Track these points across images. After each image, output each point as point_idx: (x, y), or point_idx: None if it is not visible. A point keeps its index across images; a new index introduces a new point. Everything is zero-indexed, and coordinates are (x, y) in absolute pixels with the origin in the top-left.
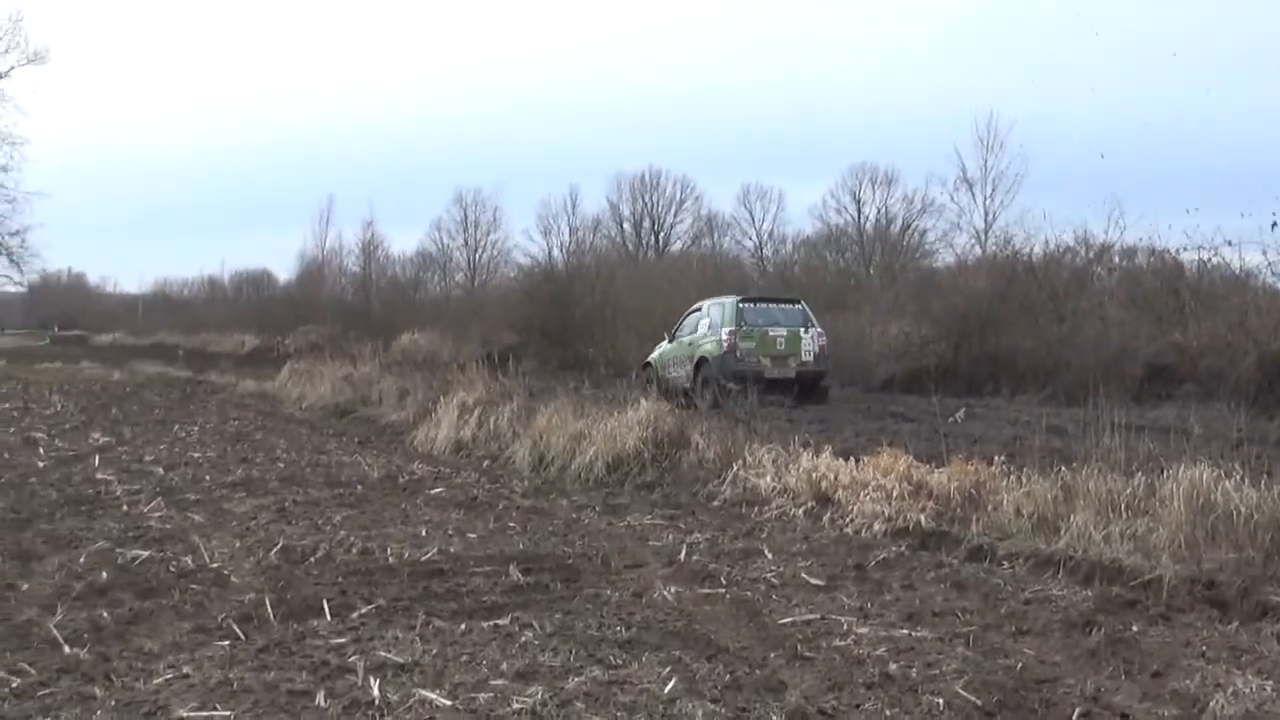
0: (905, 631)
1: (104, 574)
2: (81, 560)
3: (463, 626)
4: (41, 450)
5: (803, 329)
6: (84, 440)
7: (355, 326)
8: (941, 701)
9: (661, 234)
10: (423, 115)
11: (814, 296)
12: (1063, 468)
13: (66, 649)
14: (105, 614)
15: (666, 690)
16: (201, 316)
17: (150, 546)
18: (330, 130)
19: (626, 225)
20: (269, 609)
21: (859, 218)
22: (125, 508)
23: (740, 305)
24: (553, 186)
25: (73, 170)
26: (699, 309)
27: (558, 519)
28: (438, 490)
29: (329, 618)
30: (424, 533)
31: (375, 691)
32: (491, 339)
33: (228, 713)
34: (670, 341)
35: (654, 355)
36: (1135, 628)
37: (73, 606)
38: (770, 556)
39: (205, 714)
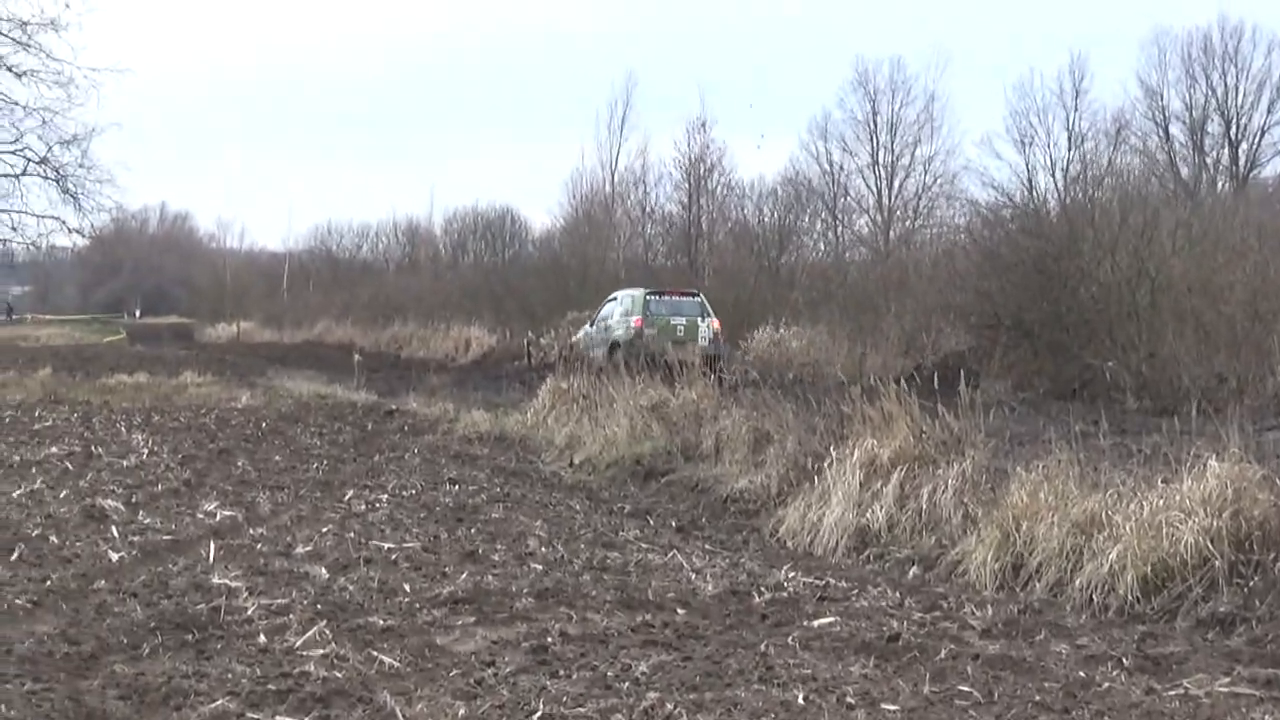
0: None
1: None
2: None
3: None
4: (116, 531)
5: (700, 319)
6: (189, 514)
7: None
8: None
9: (1244, 146)
10: None
11: None
12: None
13: None
14: None
15: None
16: (393, 293)
17: (308, 710)
18: None
19: (1175, 129)
20: None
21: None
22: (262, 638)
23: (647, 297)
24: (1037, 57)
25: (171, 47)
26: (615, 299)
27: (1051, 680)
28: (825, 620)
29: None
30: (802, 700)
31: None
32: (923, 338)
33: None
34: (591, 327)
35: (578, 336)
36: None
37: None
38: None
39: None
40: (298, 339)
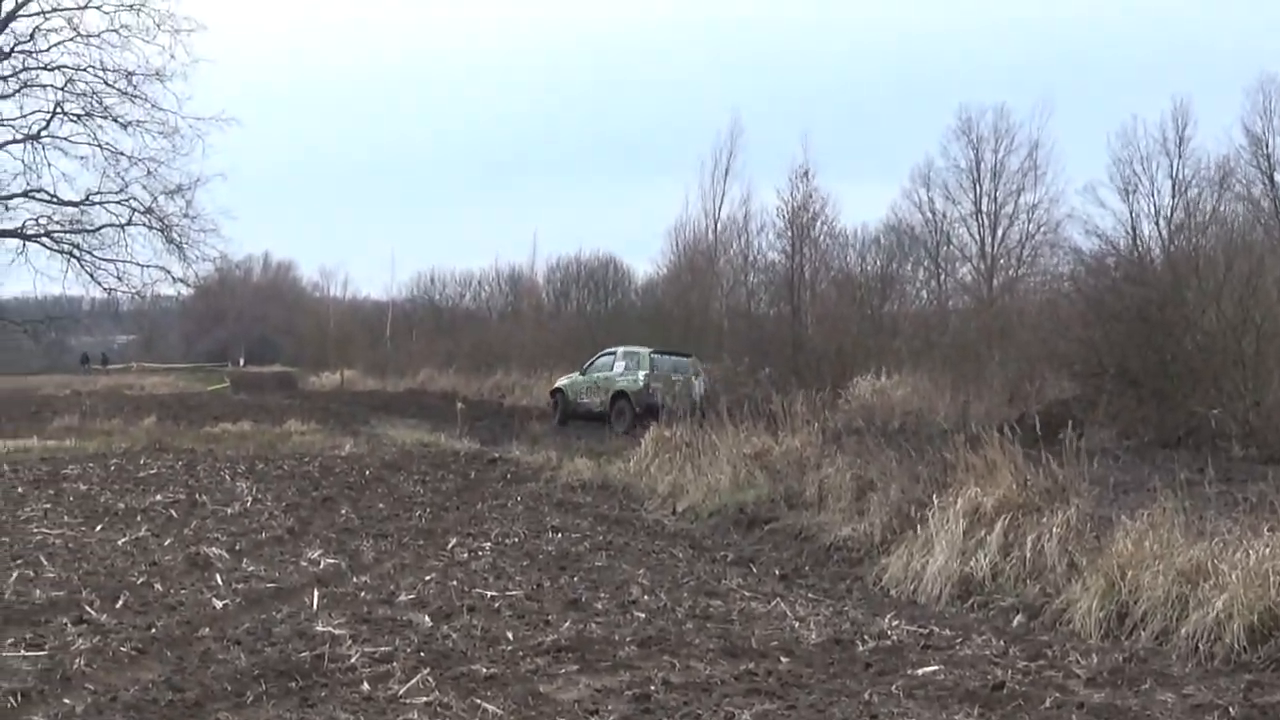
0: None
1: None
2: None
3: None
4: (220, 580)
5: (694, 375)
6: (292, 562)
7: (773, 361)
8: None
9: None
10: None
11: None
12: None
13: None
14: None
15: None
16: (496, 342)
17: None
18: (725, 19)
19: None
20: None
21: None
22: (366, 686)
23: (653, 356)
24: (1141, 103)
25: (276, 96)
26: (613, 353)
27: None
28: (930, 669)
29: None
30: None
31: None
32: (1026, 387)
33: None
34: (582, 374)
35: (564, 382)
36: None
37: None
38: None
39: None
40: (401, 387)
